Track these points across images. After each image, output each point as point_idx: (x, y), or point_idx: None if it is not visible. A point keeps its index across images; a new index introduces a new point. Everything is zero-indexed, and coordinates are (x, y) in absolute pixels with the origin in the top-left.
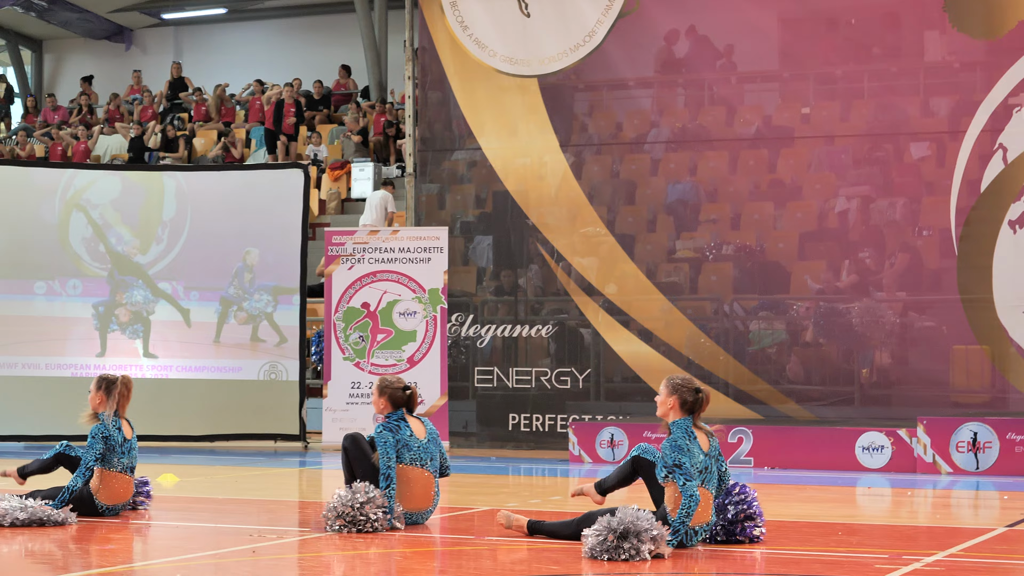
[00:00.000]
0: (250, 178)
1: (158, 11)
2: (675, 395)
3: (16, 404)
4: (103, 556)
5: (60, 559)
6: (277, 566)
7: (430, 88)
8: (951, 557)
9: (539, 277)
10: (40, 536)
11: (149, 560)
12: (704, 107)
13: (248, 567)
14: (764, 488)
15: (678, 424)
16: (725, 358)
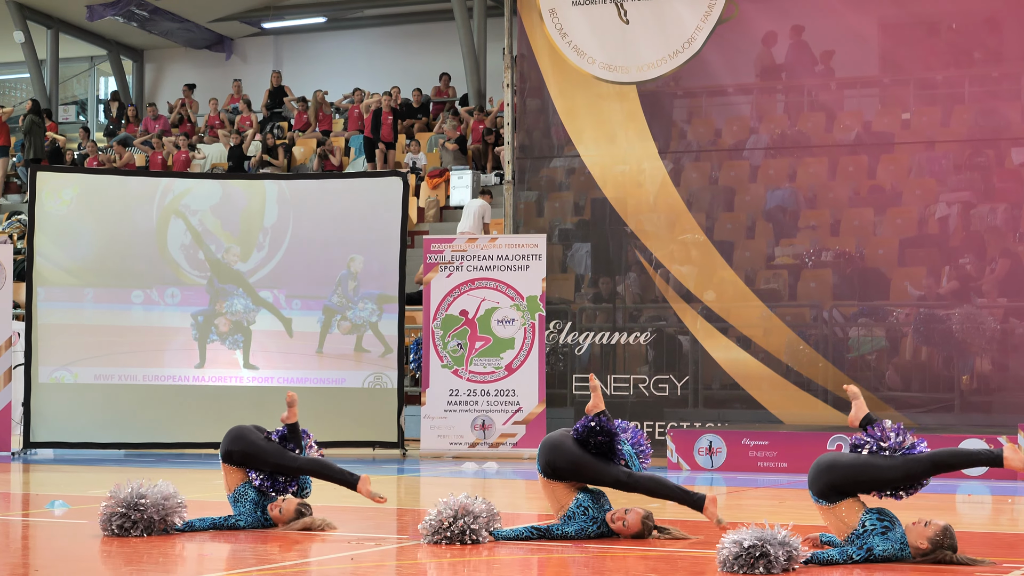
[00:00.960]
0: (350, 186)
1: (258, 20)
2: (934, 549)
3: (116, 412)
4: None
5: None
6: (376, 573)
7: (529, 95)
8: None
9: (637, 284)
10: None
11: (246, 567)
12: (804, 113)
13: (347, 574)
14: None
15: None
16: (824, 365)
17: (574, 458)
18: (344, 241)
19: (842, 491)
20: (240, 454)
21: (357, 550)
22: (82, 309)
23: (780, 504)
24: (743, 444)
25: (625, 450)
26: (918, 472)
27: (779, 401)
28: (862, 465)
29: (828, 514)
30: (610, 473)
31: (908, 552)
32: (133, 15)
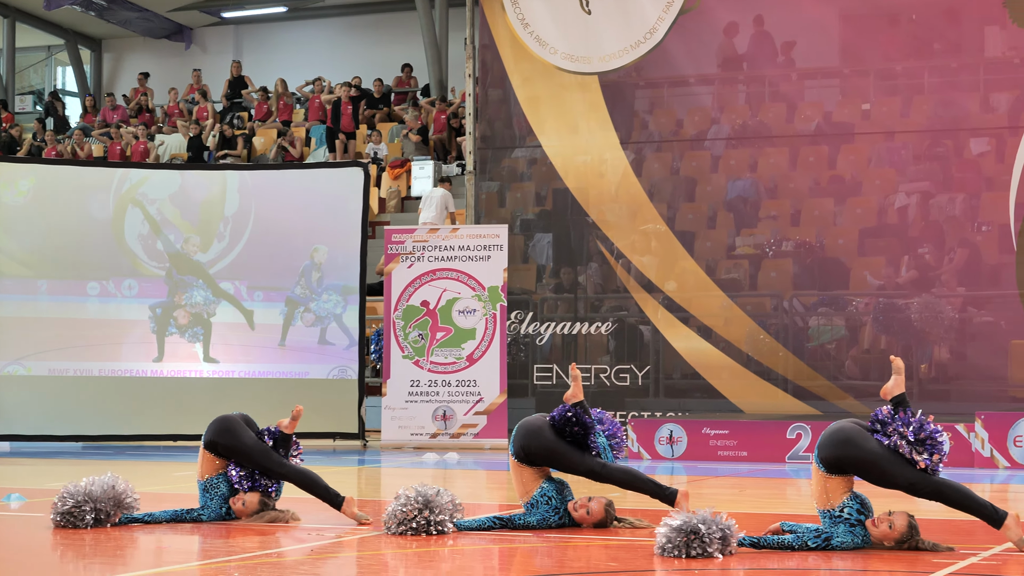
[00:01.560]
0: (311, 177)
1: (218, 10)
2: (906, 538)
3: (73, 405)
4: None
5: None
6: (335, 565)
7: (490, 86)
8: (1008, 551)
9: (599, 274)
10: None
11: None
12: (765, 104)
13: (306, 566)
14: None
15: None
16: (784, 354)
17: (549, 445)
18: (307, 232)
19: (844, 471)
20: (225, 448)
21: (318, 541)
22: (36, 301)
23: (740, 493)
24: (703, 433)
25: (600, 442)
26: (922, 490)
27: (739, 390)
28: (876, 460)
29: (818, 480)
30: (584, 463)
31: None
32: (91, 4)
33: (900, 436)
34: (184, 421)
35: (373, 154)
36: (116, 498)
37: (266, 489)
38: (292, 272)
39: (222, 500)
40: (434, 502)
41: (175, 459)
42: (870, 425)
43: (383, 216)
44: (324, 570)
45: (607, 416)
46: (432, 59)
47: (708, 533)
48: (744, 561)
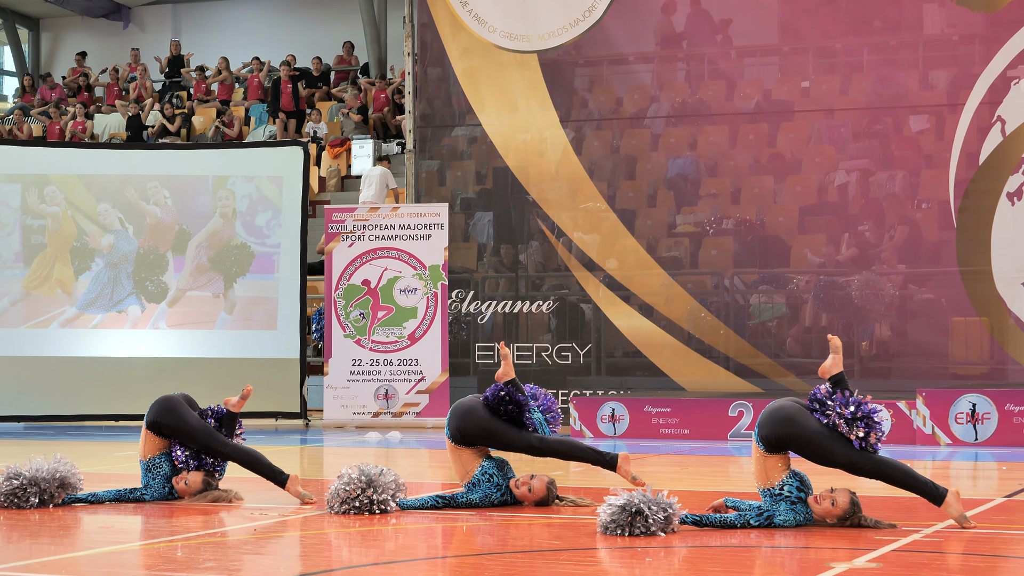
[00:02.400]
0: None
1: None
2: (848, 516)
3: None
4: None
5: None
6: (279, 544)
7: (430, 64)
8: (950, 528)
9: (540, 253)
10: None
11: (150, 539)
12: (704, 82)
13: (250, 545)
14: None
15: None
16: (725, 332)
17: (485, 424)
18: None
19: (784, 449)
20: (168, 428)
21: (261, 520)
22: None
23: (683, 470)
24: (645, 411)
25: (535, 417)
26: (862, 468)
27: (681, 368)
28: (816, 438)
29: (758, 459)
30: (522, 439)
31: (811, 522)
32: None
33: (838, 415)
34: (125, 401)
35: (313, 133)
36: (60, 479)
37: (210, 469)
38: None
39: (164, 480)
40: (377, 481)
41: (116, 439)
42: (808, 404)
43: (323, 195)
44: (268, 549)
45: (540, 391)
46: (371, 38)
47: (651, 512)
48: (687, 539)
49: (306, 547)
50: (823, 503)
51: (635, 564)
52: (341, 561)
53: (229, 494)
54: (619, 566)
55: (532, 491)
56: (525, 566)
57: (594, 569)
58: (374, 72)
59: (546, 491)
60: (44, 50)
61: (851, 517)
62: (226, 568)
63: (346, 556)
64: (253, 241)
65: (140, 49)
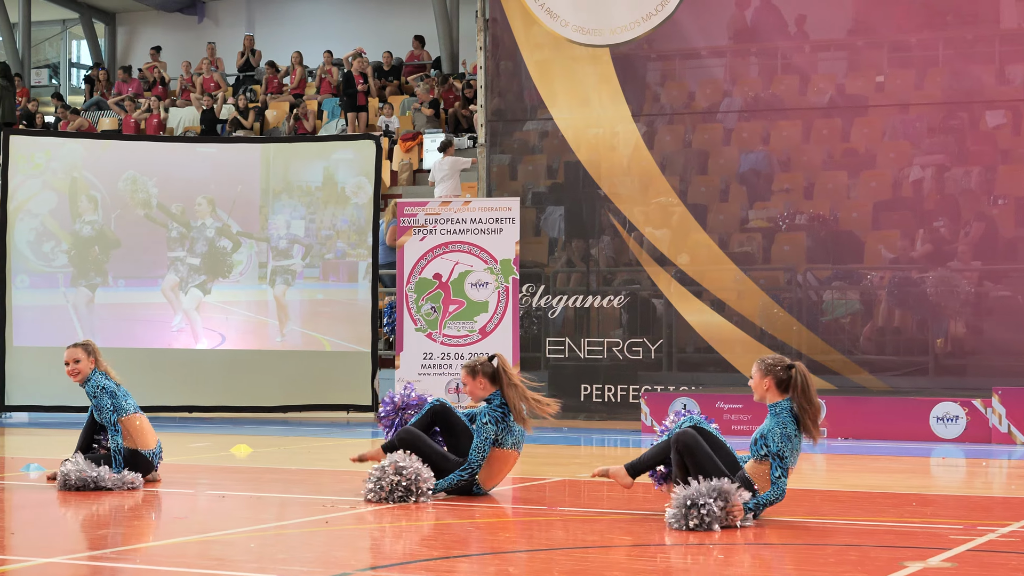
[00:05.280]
0: (323, 150)
1: None
2: (769, 376)
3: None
4: (175, 527)
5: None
6: (350, 536)
7: (502, 59)
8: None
9: (611, 247)
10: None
11: (223, 530)
12: (777, 76)
13: (321, 537)
14: (837, 459)
15: (781, 406)
16: (798, 328)
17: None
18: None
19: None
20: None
21: (333, 513)
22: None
23: None
24: (717, 407)
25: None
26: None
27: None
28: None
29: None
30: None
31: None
32: None
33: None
34: (199, 393)
35: (385, 127)
36: (420, 476)
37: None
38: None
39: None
40: (414, 471)
41: (190, 430)
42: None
43: (395, 189)
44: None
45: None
46: (443, 32)
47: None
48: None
49: (377, 540)
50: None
51: (707, 561)
52: (411, 554)
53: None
54: (690, 562)
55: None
56: (597, 561)
57: (665, 565)
58: (446, 66)
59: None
60: (120, 44)
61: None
62: (298, 560)
63: (416, 549)
64: (324, 234)
65: (215, 43)
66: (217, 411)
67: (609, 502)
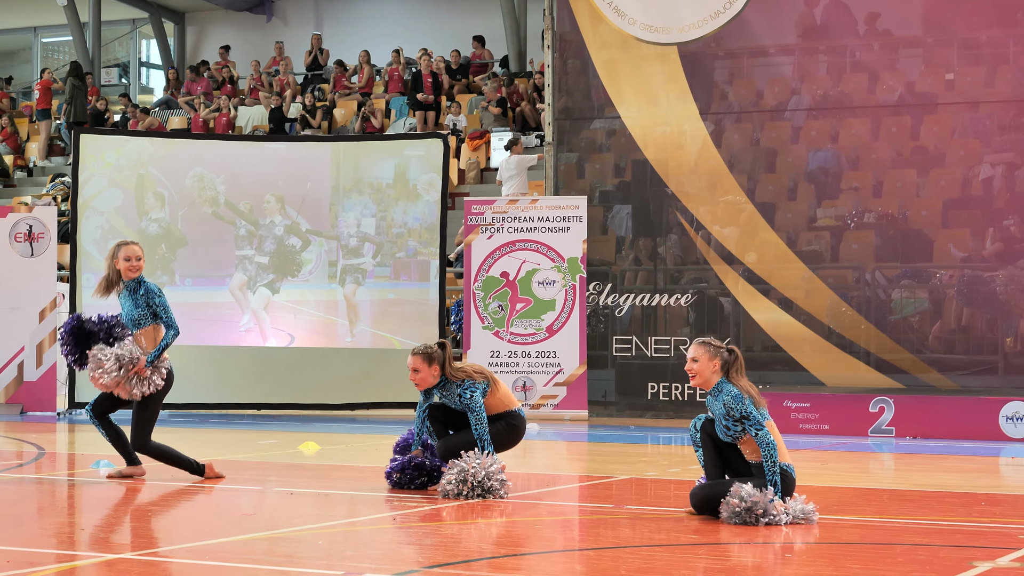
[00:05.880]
0: (391, 148)
1: None
2: (717, 358)
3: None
4: (244, 523)
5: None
6: (418, 533)
7: (569, 57)
8: None
9: (678, 246)
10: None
11: (292, 527)
12: (846, 74)
13: (389, 534)
14: (906, 458)
15: (723, 385)
16: (867, 327)
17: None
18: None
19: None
20: None
21: (401, 510)
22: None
23: (822, 467)
24: (785, 406)
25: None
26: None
27: (821, 363)
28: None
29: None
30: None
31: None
32: None
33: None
34: (266, 390)
35: (452, 125)
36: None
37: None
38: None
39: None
40: (485, 470)
41: (258, 427)
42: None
43: (462, 187)
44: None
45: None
46: (510, 30)
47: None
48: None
49: (444, 537)
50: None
51: (774, 560)
52: (478, 552)
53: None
54: (758, 561)
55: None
56: (664, 560)
57: (732, 564)
58: (513, 65)
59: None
60: (189, 44)
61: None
62: (366, 556)
63: (483, 547)
64: (396, 232)
65: (283, 42)
66: (285, 409)
67: (676, 500)
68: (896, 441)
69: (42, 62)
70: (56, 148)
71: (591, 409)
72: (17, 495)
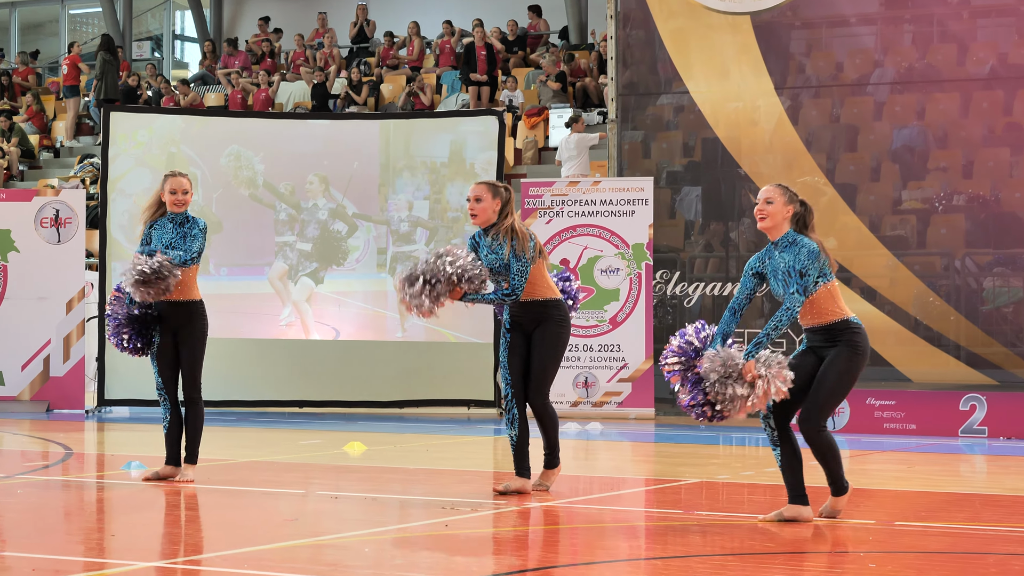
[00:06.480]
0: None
1: None
2: (792, 205)
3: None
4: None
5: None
6: (472, 541)
7: (633, 28)
8: None
9: (751, 230)
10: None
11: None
12: (933, 45)
13: (441, 542)
14: (999, 460)
15: (794, 237)
16: (956, 318)
17: None
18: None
19: None
20: None
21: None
22: None
23: (909, 469)
24: (868, 404)
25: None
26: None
27: (907, 358)
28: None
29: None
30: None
31: None
32: None
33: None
34: (309, 387)
35: (508, 101)
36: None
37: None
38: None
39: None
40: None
41: (300, 426)
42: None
43: (519, 168)
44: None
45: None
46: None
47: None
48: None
49: (500, 544)
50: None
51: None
52: (537, 560)
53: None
54: (839, 571)
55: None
56: (736, 570)
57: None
58: (574, 36)
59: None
60: (226, 15)
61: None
62: (415, 566)
63: (542, 555)
64: (451, 215)
65: (327, 13)
66: (329, 406)
67: (751, 506)
68: (988, 442)
69: (70, 36)
70: (85, 127)
71: (658, 407)
72: (43, 499)
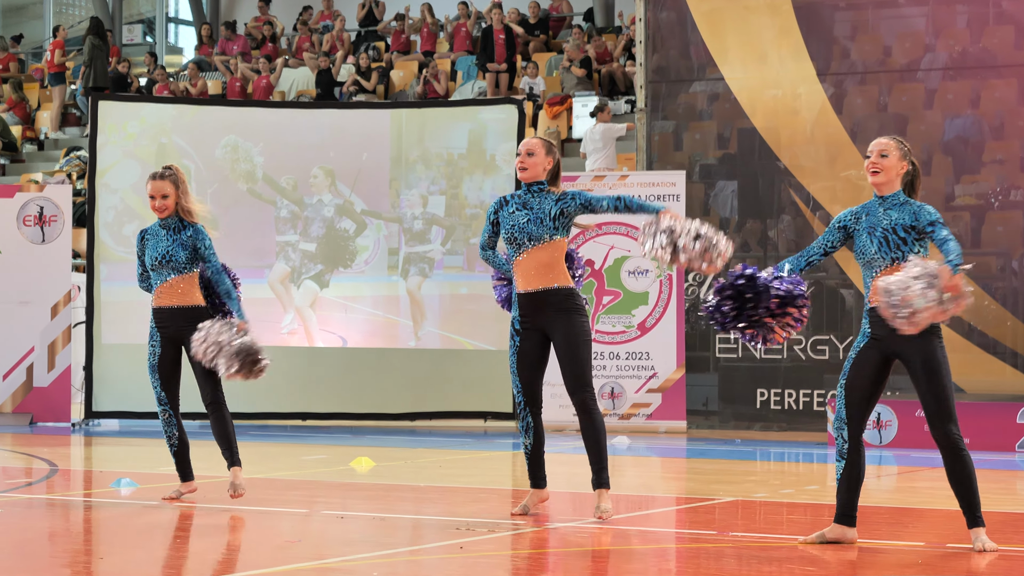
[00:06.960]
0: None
1: None
2: (906, 162)
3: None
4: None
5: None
6: (488, 564)
7: (665, 9)
8: None
9: (792, 229)
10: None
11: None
12: (989, 27)
13: (455, 565)
14: None
15: (905, 198)
16: (1013, 324)
17: None
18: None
19: None
20: None
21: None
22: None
23: None
24: (917, 417)
25: None
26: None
27: (960, 366)
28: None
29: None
30: None
31: None
32: None
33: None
34: (313, 398)
35: (529, 89)
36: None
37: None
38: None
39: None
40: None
41: (303, 440)
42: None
43: None
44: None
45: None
46: None
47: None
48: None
49: (518, 568)
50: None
51: None
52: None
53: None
54: None
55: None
56: None
57: None
58: (600, 18)
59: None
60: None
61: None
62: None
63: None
64: (469, 212)
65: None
66: (335, 419)
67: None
68: None
69: (55, 18)
70: (71, 118)
71: (690, 420)
72: (26, 519)
